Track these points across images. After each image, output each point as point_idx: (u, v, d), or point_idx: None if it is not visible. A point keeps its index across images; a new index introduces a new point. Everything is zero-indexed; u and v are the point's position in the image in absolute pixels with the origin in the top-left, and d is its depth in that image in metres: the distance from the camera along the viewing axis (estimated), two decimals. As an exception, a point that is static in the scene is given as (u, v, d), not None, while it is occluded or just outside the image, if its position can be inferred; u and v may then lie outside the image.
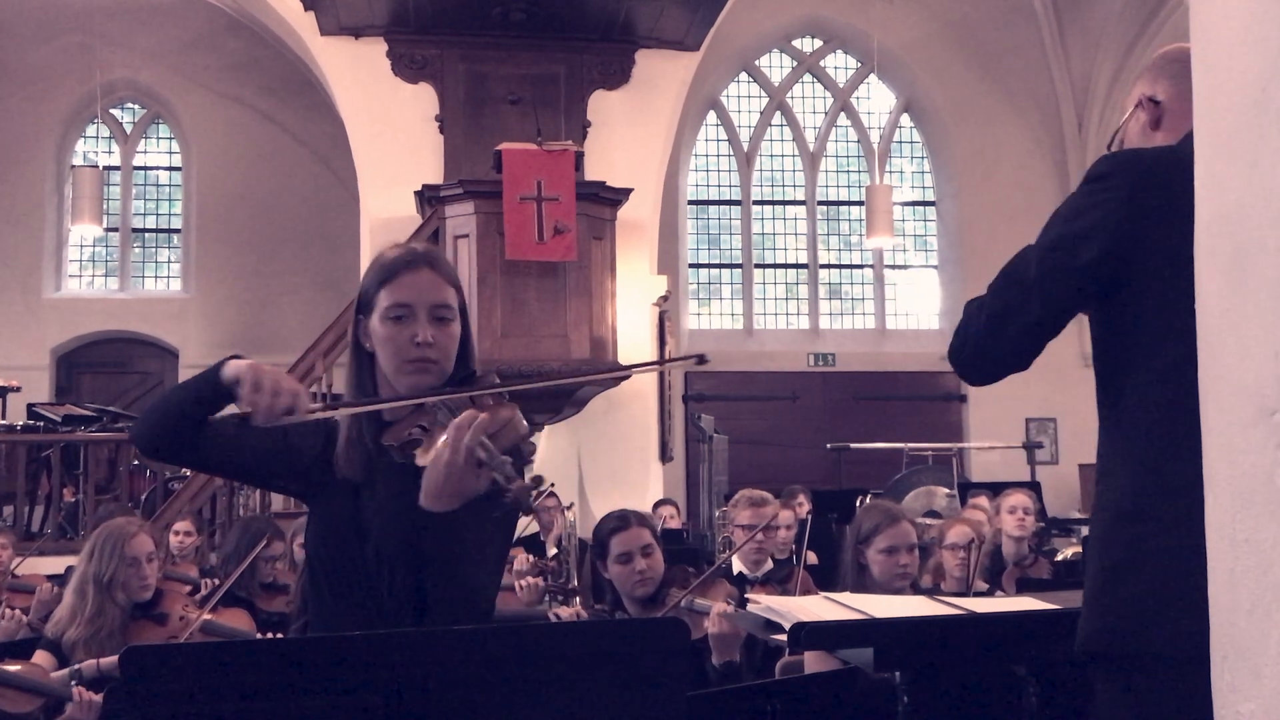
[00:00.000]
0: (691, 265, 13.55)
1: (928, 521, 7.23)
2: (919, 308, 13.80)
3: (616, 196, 8.09)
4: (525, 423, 1.99)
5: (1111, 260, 1.93)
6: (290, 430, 2.13)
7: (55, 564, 6.18)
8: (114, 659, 3.56)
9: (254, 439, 2.08)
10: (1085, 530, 6.60)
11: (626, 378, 7.93)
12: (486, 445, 1.83)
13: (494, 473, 1.82)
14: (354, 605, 2.05)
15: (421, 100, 8.96)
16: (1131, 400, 1.96)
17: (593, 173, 8.32)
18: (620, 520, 3.71)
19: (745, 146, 13.77)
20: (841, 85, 13.89)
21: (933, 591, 4.37)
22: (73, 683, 3.51)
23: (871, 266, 13.81)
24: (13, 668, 3.60)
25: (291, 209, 13.08)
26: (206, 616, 3.99)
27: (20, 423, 9.24)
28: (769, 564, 5.17)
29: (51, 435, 8.83)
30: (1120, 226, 1.93)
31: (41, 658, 3.71)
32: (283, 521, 5.83)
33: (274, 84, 12.74)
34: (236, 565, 4.69)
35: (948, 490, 9.23)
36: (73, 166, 12.83)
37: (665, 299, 9.24)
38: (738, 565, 5.01)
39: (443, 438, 1.90)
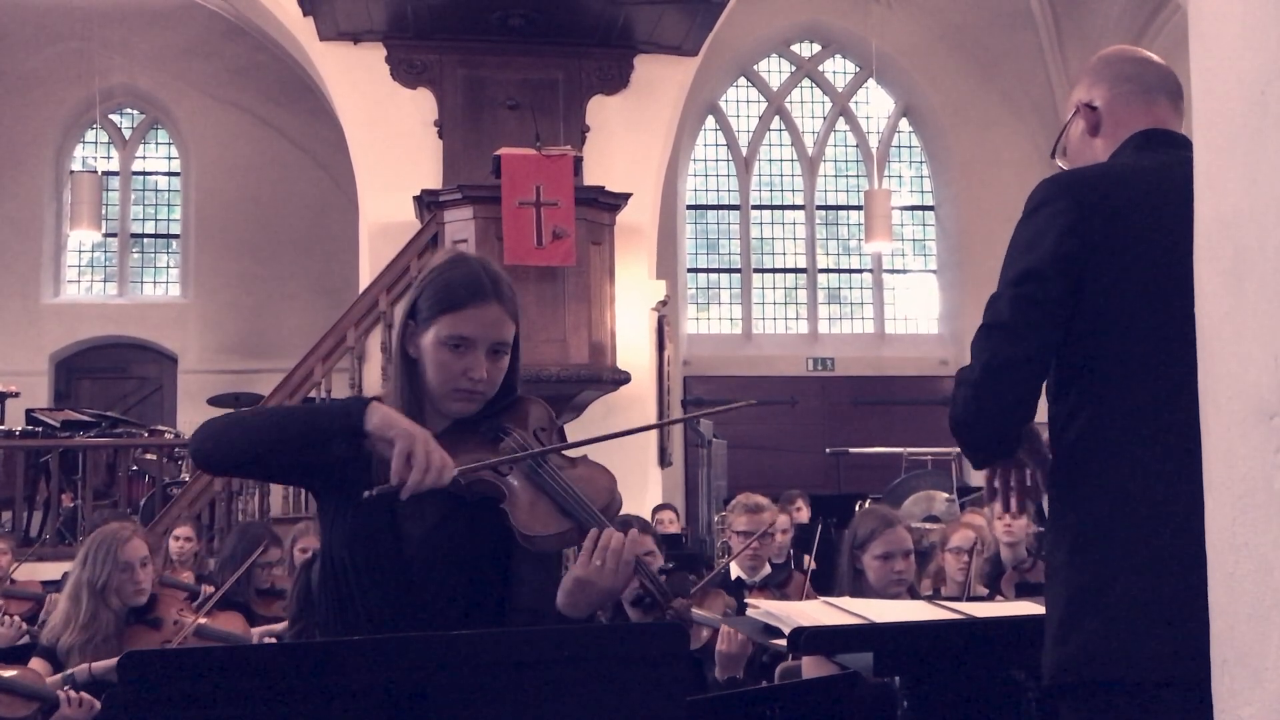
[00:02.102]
0: (690, 270, 13.56)
1: (927, 526, 7.24)
2: (918, 312, 13.81)
3: (615, 201, 8.09)
4: (620, 495, 2.07)
5: (1073, 283, 1.92)
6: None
7: (54, 569, 6.16)
8: (105, 663, 3.56)
9: None
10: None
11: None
12: (642, 563, 1.93)
13: (650, 586, 1.93)
14: (382, 615, 2.00)
15: (420, 105, 8.96)
16: (1084, 424, 1.93)
17: (591, 178, 8.32)
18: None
19: (744, 151, 13.78)
20: (840, 90, 13.91)
21: (932, 596, 4.36)
22: (65, 687, 3.50)
23: (870, 271, 13.81)
24: (8, 673, 3.59)
25: (290, 214, 13.09)
26: (201, 621, 3.98)
27: (19, 428, 9.23)
28: (766, 569, 5.17)
29: (50, 440, 8.82)
30: (1071, 250, 1.91)
31: (37, 664, 3.70)
32: (281, 527, 5.83)
33: (273, 89, 12.74)
34: (233, 571, 4.69)
35: (947, 495, 9.24)
36: (71, 172, 12.83)
37: (664, 304, 9.24)
38: (735, 570, 5.01)
39: (529, 502, 1.96)
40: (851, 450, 10.83)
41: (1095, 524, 1.88)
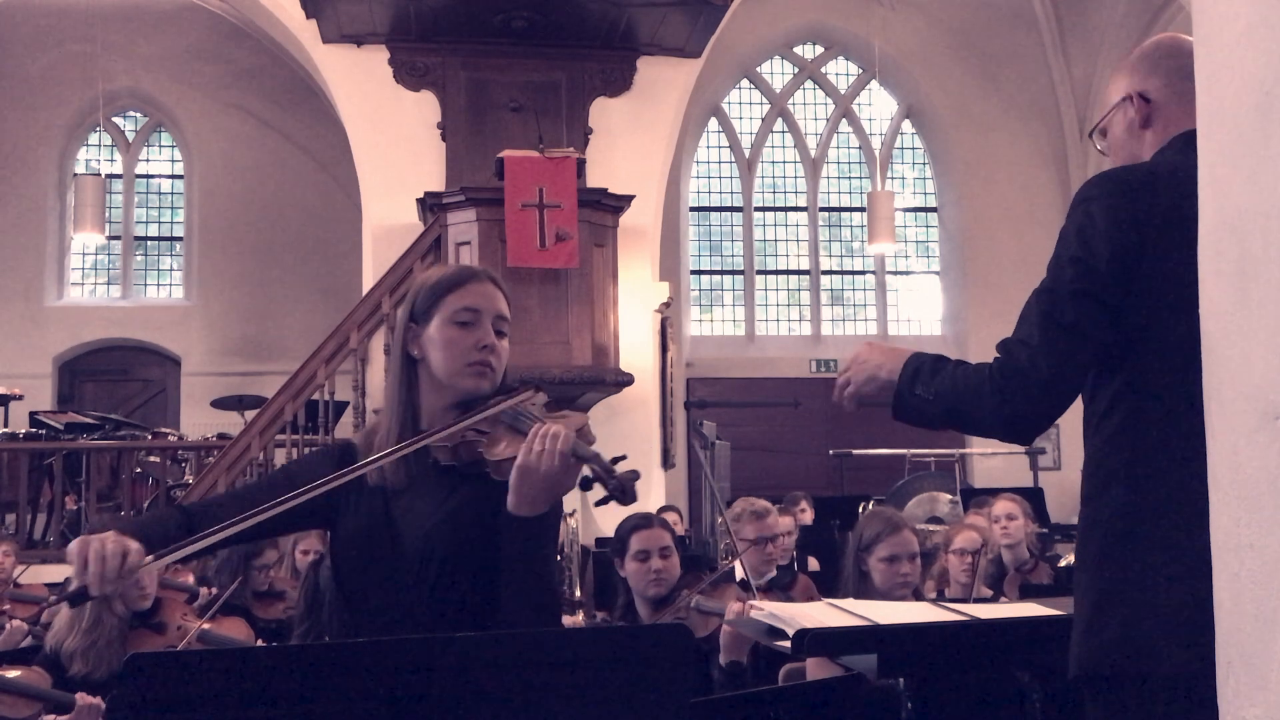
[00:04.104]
0: (693, 272, 13.56)
1: (930, 528, 7.23)
2: (921, 313, 13.80)
3: (618, 203, 8.09)
4: (592, 432, 2.06)
5: (1125, 280, 1.93)
6: (295, 476, 2.16)
7: (58, 572, 6.17)
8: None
9: (261, 501, 2.06)
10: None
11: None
12: (580, 445, 1.92)
13: (593, 465, 1.90)
14: (385, 612, 2.06)
15: (423, 108, 8.97)
16: (1121, 417, 1.94)
17: (594, 180, 8.32)
18: (643, 519, 3.85)
19: (747, 153, 13.78)
20: (843, 91, 13.90)
21: (936, 598, 4.36)
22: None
23: (873, 272, 13.81)
24: (12, 674, 3.60)
25: (293, 217, 13.10)
26: (205, 626, 3.99)
27: (22, 431, 9.24)
28: (772, 571, 5.15)
29: (54, 443, 8.83)
30: (1121, 248, 1.92)
31: (37, 671, 3.70)
32: (285, 529, 5.82)
33: (276, 92, 12.76)
34: (230, 574, 4.71)
35: (950, 496, 9.23)
36: (75, 174, 12.85)
37: (667, 305, 9.24)
38: (739, 573, 4.99)
39: (506, 441, 2.00)
40: (855, 452, 10.82)
41: (1127, 519, 1.90)
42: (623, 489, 1.88)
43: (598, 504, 1.94)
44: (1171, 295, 1.90)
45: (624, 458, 1.94)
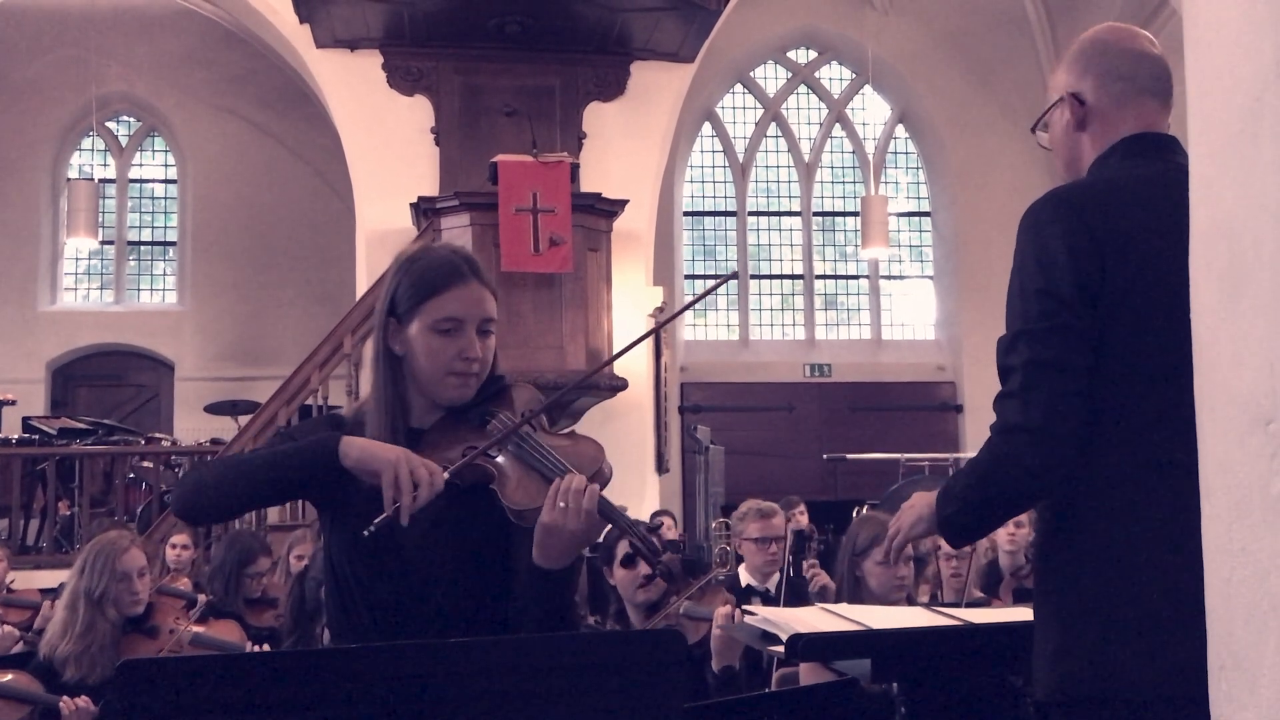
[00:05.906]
0: (687, 276, 13.56)
1: (925, 532, 7.22)
2: (915, 318, 13.82)
3: (612, 208, 8.10)
4: (609, 464, 2.02)
5: (1092, 304, 1.88)
6: (298, 437, 2.10)
7: (51, 578, 6.16)
8: None
9: None
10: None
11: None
12: (605, 502, 1.89)
13: (632, 537, 1.88)
14: (387, 620, 2.00)
15: (417, 112, 8.97)
16: (1086, 441, 1.88)
17: (588, 184, 8.32)
18: (647, 524, 3.78)
19: (740, 157, 13.79)
20: (836, 96, 13.92)
21: (929, 602, 4.36)
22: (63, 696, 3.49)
23: (867, 277, 13.83)
24: (3, 679, 3.59)
25: (287, 221, 13.09)
26: (196, 629, 3.98)
27: (15, 436, 9.22)
28: (776, 576, 5.12)
29: (47, 448, 8.81)
30: (1084, 272, 1.88)
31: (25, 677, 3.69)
32: (278, 535, 5.83)
33: (270, 97, 12.75)
34: (223, 580, 4.72)
35: (944, 500, 9.22)
36: (68, 179, 12.83)
37: (661, 310, 9.24)
38: (745, 577, 4.98)
39: (517, 479, 1.94)
40: (848, 456, 10.84)
41: (1098, 540, 1.86)
42: (670, 574, 1.86)
43: (646, 577, 1.92)
44: (1131, 313, 1.86)
45: (660, 526, 1.92)
